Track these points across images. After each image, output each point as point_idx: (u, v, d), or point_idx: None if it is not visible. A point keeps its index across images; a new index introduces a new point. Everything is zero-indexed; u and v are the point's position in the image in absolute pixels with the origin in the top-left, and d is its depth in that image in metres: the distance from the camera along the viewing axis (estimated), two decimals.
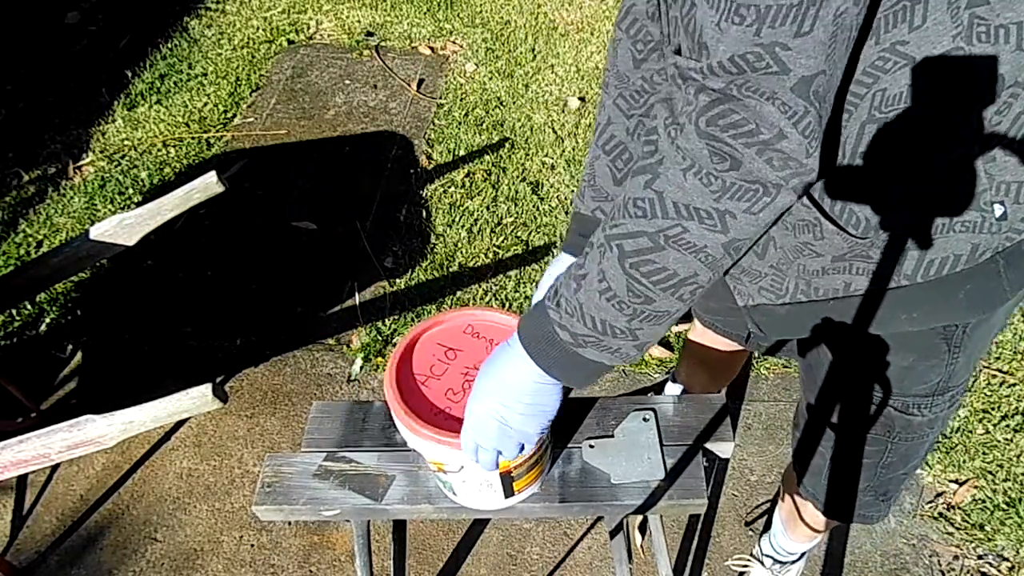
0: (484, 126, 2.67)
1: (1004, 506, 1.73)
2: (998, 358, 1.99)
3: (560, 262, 1.01)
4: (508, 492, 0.98)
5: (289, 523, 1.75)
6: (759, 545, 1.62)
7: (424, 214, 2.40)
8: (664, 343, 2.05)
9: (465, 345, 0.99)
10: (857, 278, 0.83)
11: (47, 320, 2.15)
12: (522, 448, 0.85)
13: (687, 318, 1.46)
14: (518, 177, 2.49)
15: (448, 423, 0.90)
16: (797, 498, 1.31)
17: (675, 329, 2.10)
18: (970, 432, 1.86)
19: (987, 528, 1.70)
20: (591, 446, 1.07)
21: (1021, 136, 0.70)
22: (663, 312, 0.71)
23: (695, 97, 0.60)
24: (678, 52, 0.65)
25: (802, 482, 1.17)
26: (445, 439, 0.87)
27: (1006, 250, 0.77)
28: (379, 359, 2.04)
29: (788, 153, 0.59)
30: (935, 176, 0.72)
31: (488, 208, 2.39)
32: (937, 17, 0.63)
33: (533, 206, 2.40)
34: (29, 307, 2.17)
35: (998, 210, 0.74)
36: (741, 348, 1.45)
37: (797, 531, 1.41)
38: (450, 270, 2.24)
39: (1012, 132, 0.70)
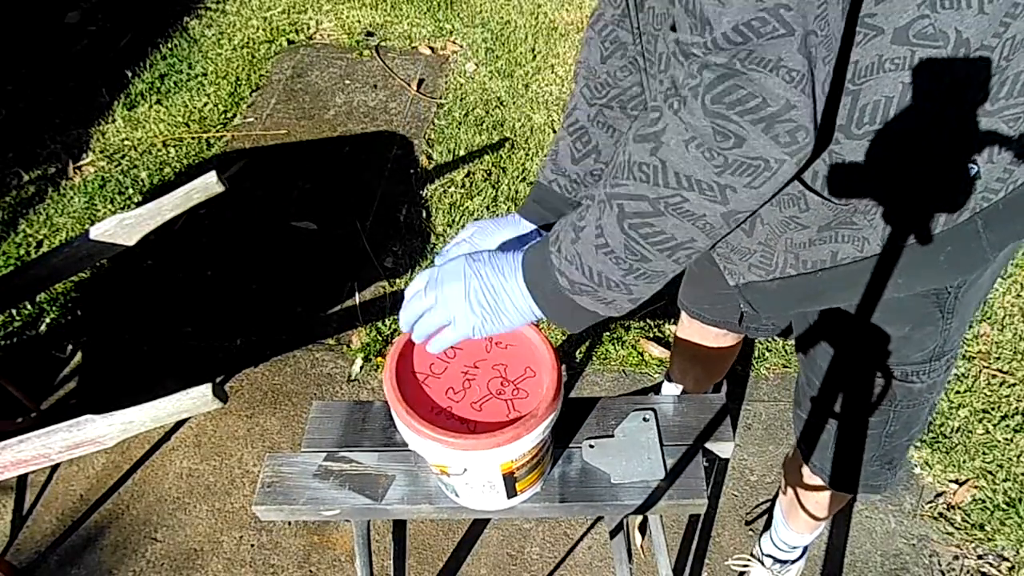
0: (484, 126, 2.67)
1: (1004, 506, 1.73)
2: (998, 358, 1.99)
3: (507, 221, 1.02)
4: (511, 493, 0.98)
5: (289, 523, 1.75)
6: (759, 545, 1.62)
7: (424, 214, 2.40)
8: (664, 343, 2.05)
9: (464, 343, 0.99)
10: (843, 246, 0.84)
11: (47, 320, 2.15)
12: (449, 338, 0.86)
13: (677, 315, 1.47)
14: (518, 177, 2.49)
15: (450, 423, 0.89)
16: (799, 488, 1.32)
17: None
18: (970, 432, 1.85)
19: (987, 528, 1.70)
20: (591, 446, 1.07)
21: (990, 99, 0.71)
22: (658, 271, 0.74)
23: (699, 73, 0.61)
24: (673, 29, 0.66)
25: (809, 459, 1.19)
26: (449, 439, 0.87)
27: (984, 210, 0.78)
28: (379, 359, 2.04)
29: (797, 122, 0.60)
30: (907, 141, 0.74)
31: (488, 208, 2.39)
32: None
33: None
34: (29, 307, 2.17)
35: (971, 170, 0.75)
36: (731, 343, 1.46)
37: (798, 521, 1.41)
38: None
39: (980, 96, 0.71)
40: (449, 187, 2.48)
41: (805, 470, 1.25)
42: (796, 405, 1.19)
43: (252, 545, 1.72)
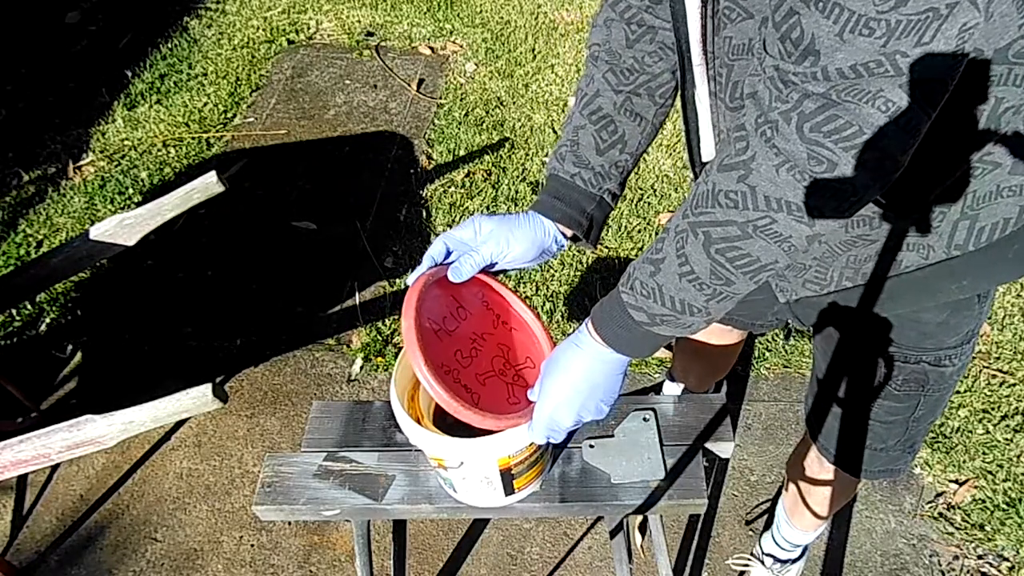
0: (484, 126, 2.67)
1: (1004, 506, 1.73)
2: (998, 358, 1.99)
3: (527, 218, 0.96)
4: (508, 490, 0.98)
5: (289, 523, 1.75)
6: (759, 544, 1.62)
7: (424, 214, 2.40)
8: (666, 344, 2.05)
9: (475, 309, 0.96)
10: (908, 255, 0.86)
11: (47, 320, 2.15)
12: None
13: None
14: (518, 177, 2.49)
15: (456, 388, 0.87)
16: (803, 484, 1.32)
17: None
18: (970, 432, 1.85)
19: (987, 528, 1.70)
20: (591, 446, 1.07)
21: None
22: (738, 293, 0.75)
23: (799, 102, 0.62)
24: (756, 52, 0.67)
25: (818, 439, 1.17)
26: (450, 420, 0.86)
27: None
28: (379, 359, 2.04)
29: (886, 151, 0.62)
30: (981, 149, 0.76)
31: (488, 208, 2.39)
32: (1003, 10, 0.66)
33: None
34: (29, 307, 2.17)
35: None
36: (735, 340, 1.45)
37: (802, 519, 1.41)
38: None
39: None
40: (449, 187, 2.48)
41: (812, 467, 1.24)
42: (810, 396, 1.18)
43: (252, 545, 1.72)
